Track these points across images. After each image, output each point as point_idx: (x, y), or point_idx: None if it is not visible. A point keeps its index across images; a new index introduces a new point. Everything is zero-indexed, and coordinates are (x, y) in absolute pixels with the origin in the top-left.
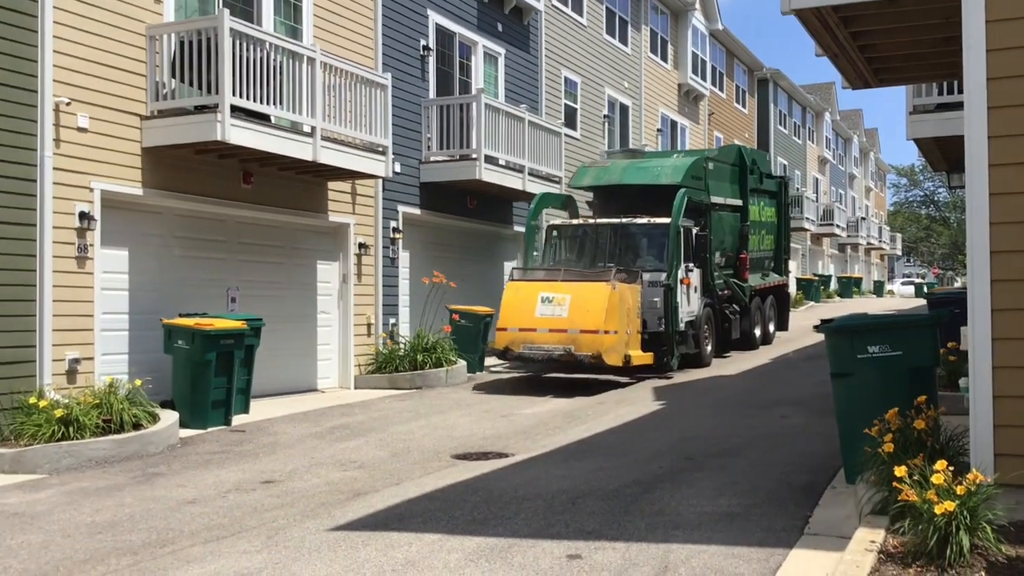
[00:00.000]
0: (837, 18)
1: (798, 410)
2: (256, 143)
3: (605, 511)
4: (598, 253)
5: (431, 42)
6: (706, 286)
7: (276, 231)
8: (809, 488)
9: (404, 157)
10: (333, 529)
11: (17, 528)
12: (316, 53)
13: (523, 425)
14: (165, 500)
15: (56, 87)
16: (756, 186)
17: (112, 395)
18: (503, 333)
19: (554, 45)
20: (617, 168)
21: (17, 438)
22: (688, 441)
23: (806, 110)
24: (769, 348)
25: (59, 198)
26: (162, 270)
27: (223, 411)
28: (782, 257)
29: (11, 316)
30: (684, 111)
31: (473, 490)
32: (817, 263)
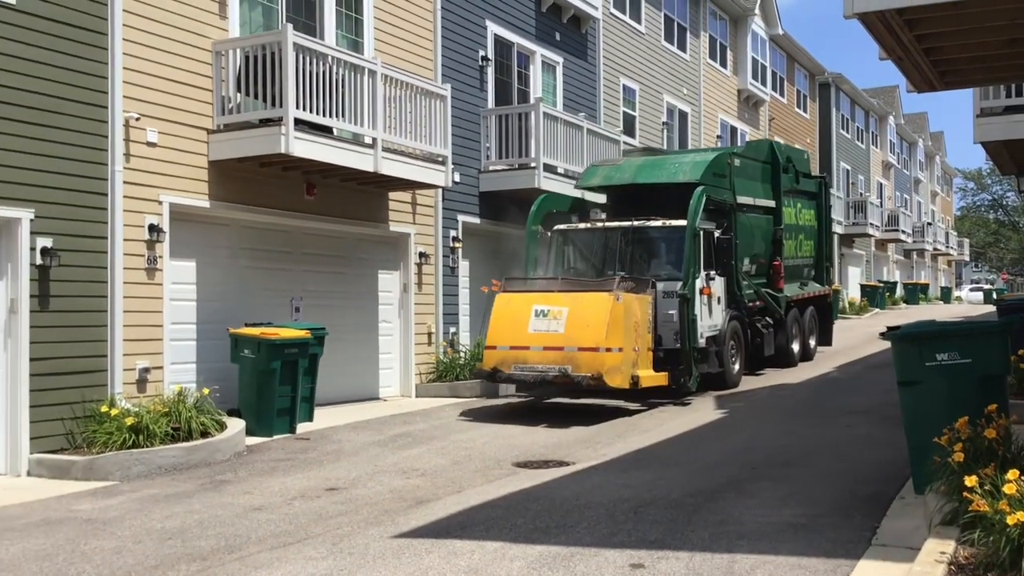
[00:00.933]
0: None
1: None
2: (319, 155)
3: (667, 520)
4: (608, 260)
5: (489, 52)
6: (732, 296)
7: (338, 241)
8: (876, 498)
9: (463, 167)
10: (396, 536)
11: (90, 534)
12: (377, 66)
13: (582, 434)
14: (232, 507)
15: (126, 103)
16: (792, 186)
17: (181, 403)
18: (491, 352)
19: (612, 53)
20: (630, 166)
21: (89, 446)
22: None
23: (869, 114)
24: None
25: (129, 211)
26: (228, 280)
27: (288, 419)
28: (824, 264)
29: (84, 326)
30: (744, 117)
31: (534, 498)
32: (882, 269)
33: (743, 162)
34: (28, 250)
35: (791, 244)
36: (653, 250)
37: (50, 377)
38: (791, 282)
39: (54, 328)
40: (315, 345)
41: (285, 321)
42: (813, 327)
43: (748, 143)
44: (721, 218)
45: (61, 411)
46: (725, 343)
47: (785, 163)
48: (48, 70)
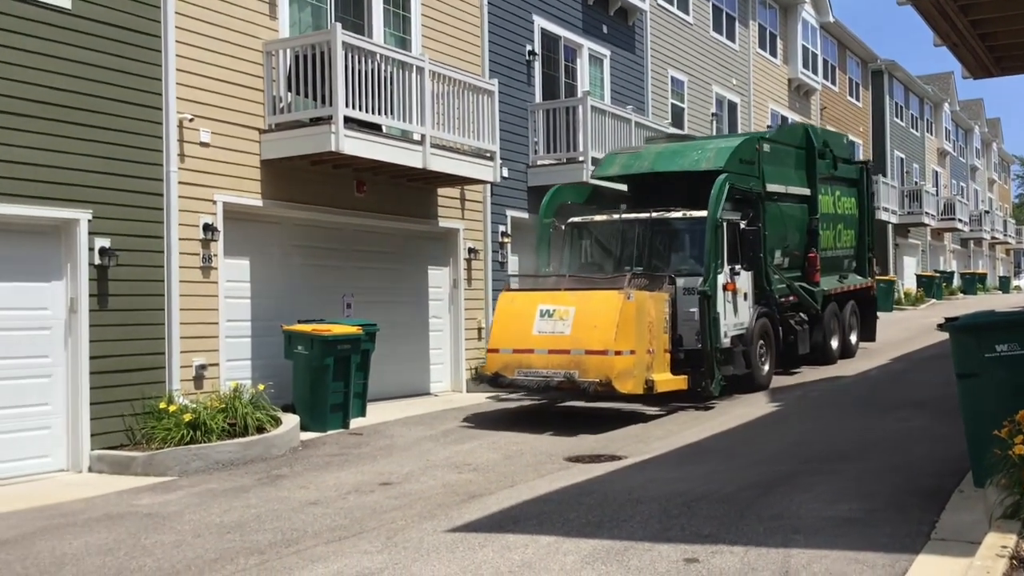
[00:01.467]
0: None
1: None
2: (368, 152)
3: (721, 515)
4: (625, 255)
5: (536, 46)
6: (761, 292)
7: (388, 238)
8: (934, 492)
9: (511, 162)
10: (450, 530)
11: (151, 528)
12: (425, 62)
13: (633, 429)
14: (289, 501)
15: (180, 104)
16: (829, 173)
17: (237, 400)
18: (494, 356)
19: (660, 45)
20: (650, 154)
21: (148, 442)
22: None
23: (924, 101)
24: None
25: (184, 211)
26: (281, 278)
27: (341, 414)
28: (865, 255)
29: (142, 325)
30: (795, 106)
31: (587, 492)
32: (938, 259)
33: (774, 148)
34: (87, 250)
35: (828, 234)
36: (673, 243)
37: (109, 375)
38: (829, 275)
39: (113, 327)
40: (367, 341)
41: (336, 318)
42: (854, 322)
43: (780, 127)
44: (749, 208)
45: (121, 408)
46: (753, 342)
47: (822, 148)
48: (103, 73)
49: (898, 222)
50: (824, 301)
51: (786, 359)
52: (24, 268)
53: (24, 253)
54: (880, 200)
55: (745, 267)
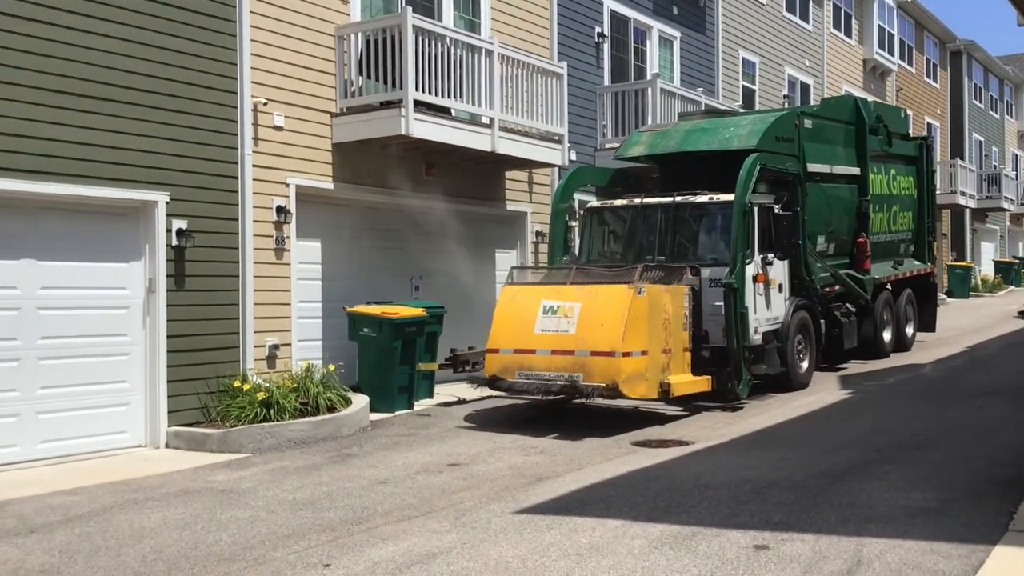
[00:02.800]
0: None
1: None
2: (437, 136)
3: (791, 502)
4: (647, 243)
5: (605, 29)
6: (800, 282)
7: (456, 221)
8: (1013, 482)
9: (579, 145)
10: (517, 512)
11: (226, 504)
12: (494, 45)
13: (701, 414)
14: (359, 480)
15: (254, 88)
16: (882, 150)
17: (308, 379)
18: (493, 356)
19: (731, 25)
20: (678, 132)
21: (223, 419)
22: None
23: (1004, 83)
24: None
25: (258, 193)
26: (351, 260)
27: (407, 395)
28: (925, 239)
29: (217, 305)
30: (870, 88)
31: (654, 477)
32: (1018, 245)
33: (817, 123)
34: (164, 231)
35: (881, 217)
36: (700, 230)
37: (186, 353)
38: (882, 261)
39: (189, 307)
40: (433, 323)
41: (405, 299)
42: (910, 312)
43: (826, 100)
44: (785, 190)
45: (196, 386)
46: (789, 338)
47: (874, 123)
48: (181, 58)
49: (976, 207)
50: (875, 290)
51: (831, 354)
52: (104, 248)
53: (104, 234)
54: (957, 184)
55: (779, 256)
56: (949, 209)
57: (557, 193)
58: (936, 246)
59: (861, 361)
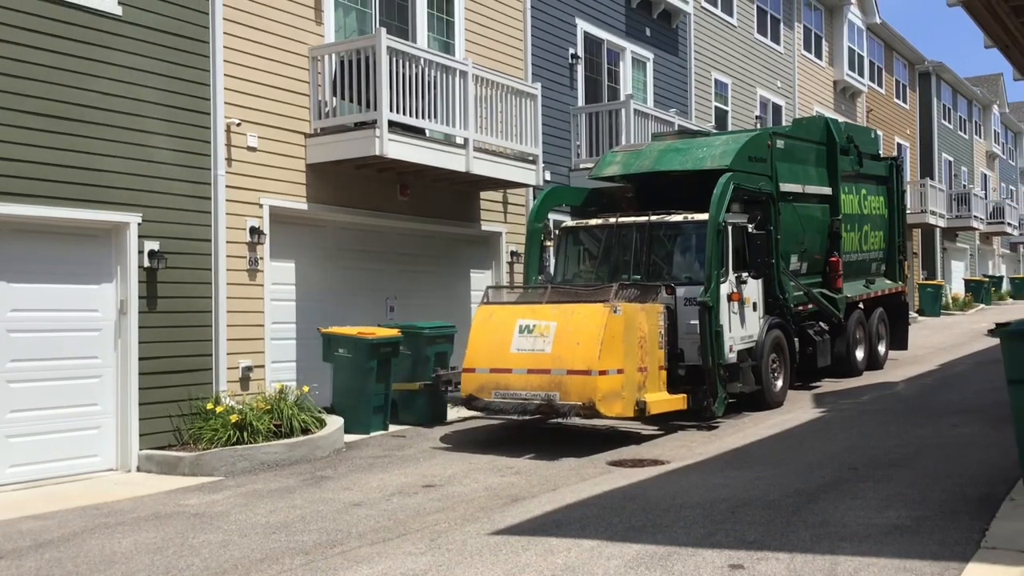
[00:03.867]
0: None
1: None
2: (412, 156)
3: (766, 521)
4: (622, 262)
5: (579, 50)
6: (773, 301)
7: (431, 241)
8: (985, 500)
9: (553, 165)
10: (493, 533)
11: (198, 527)
12: (468, 67)
13: (677, 433)
14: (333, 502)
15: (227, 109)
16: (853, 170)
17: (282, 401)
18: (469, 376)
19: (703, 47)
20: (652, 152)
21: (196, 442)
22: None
23: (972, 103)
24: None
25: (231, 214)
26: (325, 281)
27: (382, 416)
28: (896, 258)
29: (190, 326)
30: (841, 108)
31: (630, 497)
32: (987, 263)
33: (789, 144)
34: (136, 253)
35: (853, 236)
36: (675, 249)
37: (158, 376)
38: (854, 280)
39: (161, 328)
40: (443, 343)
41: (380, 320)
42: (883, 330)
43: (797, 121)
44: (759, 210)
45: (168, 408)
46: (763, 356)
47: (845, 144)
48: (153, 78)
49: (946, 226)
50: (848, 309)
51: (804, 372)
52: (75, 270)
53: (75, 256)
54: (927, 203)
55: (753, 274)
56: (920, 228)
57: (532, 213)
58: (907, 265)
59: (834, 379)
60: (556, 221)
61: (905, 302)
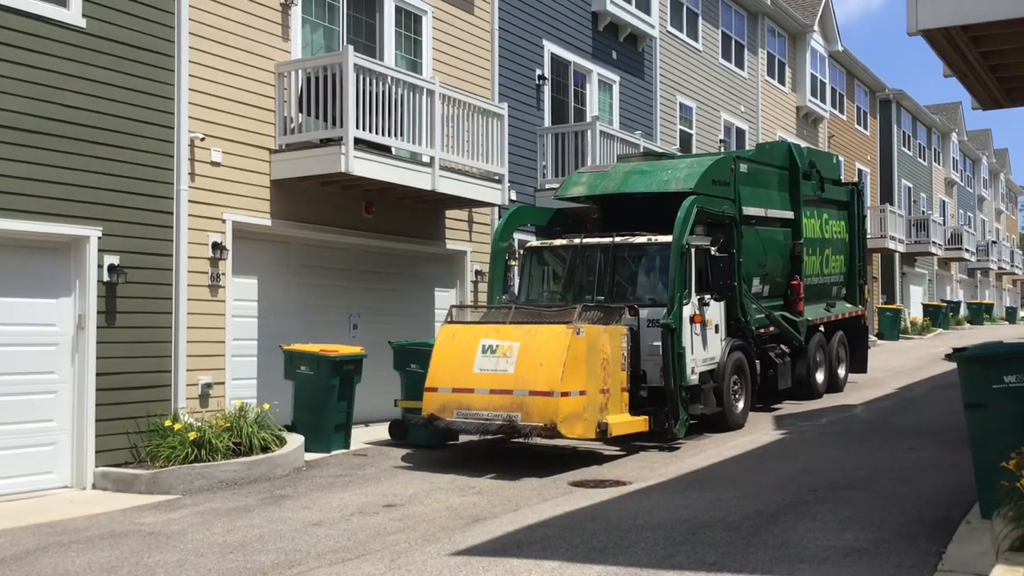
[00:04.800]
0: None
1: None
2: (378, 174)
3: (726, 543)
4: (586, 283)
5: (546, 71)
6: (736, 323)
7: (396, 259)
8: (942, 523)
9: (519, 185)
10: (454, 554)
11: (154, 547)
12: (435, 85)
13: (639, 453)
14: (292, 522)
15: (191, 123)
16: (815, 194)
17: (242, 419)
18: (432, 395)
19: (669, 71)
20: (618, 173)
21: (153, 460)
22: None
23: (931, 131)
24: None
25: (194, 229)
26: (288, 297)
27: (343, 434)
28: (857, 282)
29: (149, 342)
30: (803, 134)
31: (591, 518)
32: (945, 289)
33: (752, 168)
34: (96, 267)
35: (814, 260)
36: (638, 271)
37: (115, 392)
38: (815, 303)
39: (120, 344)
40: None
41: (343, 338)
42: (843, 353)
43: (760, 145)
44: (722, 233)
45: (126, 425)
46: (725, 378)
47: (807, 168)
48: (116, 91)
49: (905, 251)
50: (808, 331)
51: (766, 394)
52: (33, 284)
53: (34, 269)
54: (887, 229)
55: (716, 297)
56: (879, 253)
57: (497, 232)
58: (867, 289)
59: (795, 401)
60: (521, 241)
61: (865, 325)
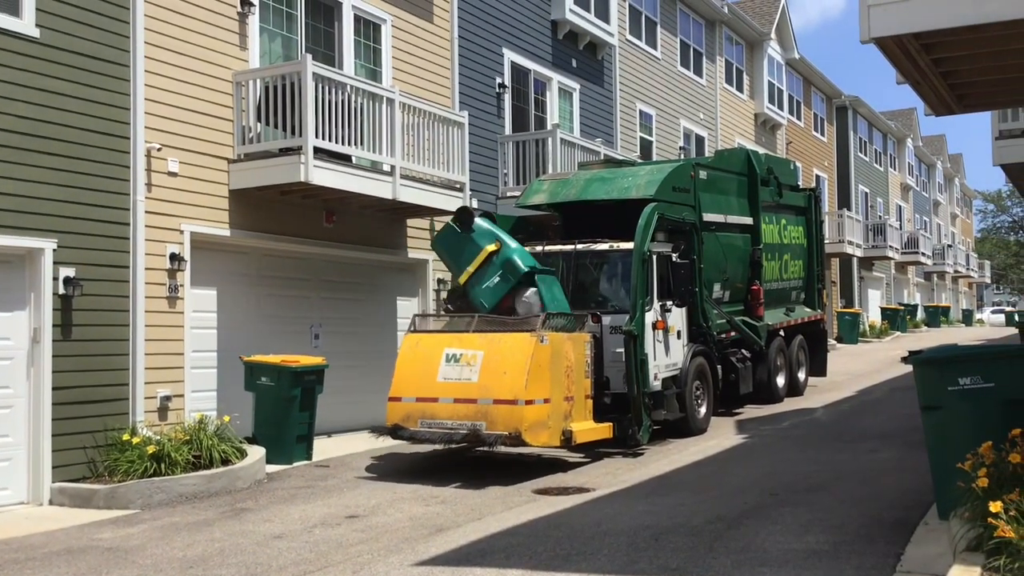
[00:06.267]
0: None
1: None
2: (338, 183)
3: (689, 547)
4: None
5: (507, 79)
6: (697, 329)
7: (357, 268)
8: (901, 524)
9: (481, 193)
10: (417, 564)
11: (112, 562)
12: (395, 94)
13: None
14: (253, 535)
15: (148, 133)
16: (773, 200)
17: (202, 431)
18: (395, 405)
19: (628, 79)
20: (579, 180)
21: (111, 474)
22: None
23: (887, 137)
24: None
25: (151, 240)
26: (248, 308)
27: (305, 445)
28: (815, 286)
29: (106, 355)
30: (761, 141)
31: (555, 525)
32: (902, 292)
33: (712, 175)
34: (51, 280)
35: (773, 265)
36: (600, 278)
37: (72, 406)
38: (775, 308)
39: (76, 357)
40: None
41: (305, 348)
42: (802, 357)
43: (719, 152)
44: (683, 239)
45: (83, 439)
46: (687, 384)
47: (765, 175)
48: (71, 102)
49: (863, 255)
50: (769, 336)
51: (728, 399)
52: None
53: None
54: (845, 233)
55: (678, 303)
56: (837, 258)
57: None
58: (826, 293)
59: (756, 406)
60: None
61: (824, 330)
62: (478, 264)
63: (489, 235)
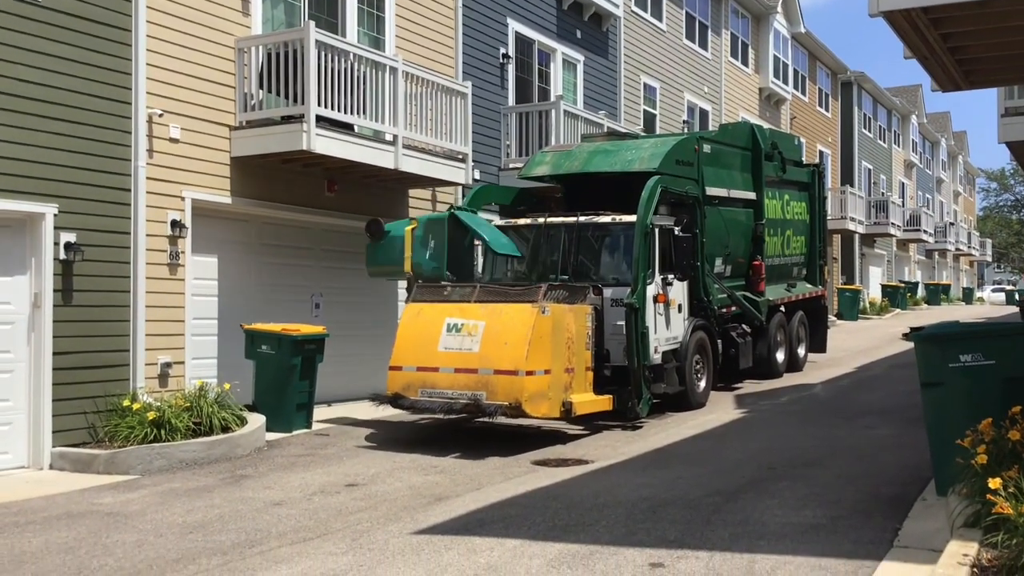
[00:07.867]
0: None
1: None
2: (340, 152)
3: (687, 520)
4: (551, 262)
5: (510, 50)
6: (698, 303)
7: (359, 238)
8: (898, 500)
9: (483, 164)
10: (416, 533)
11: (112, 527)
12: (398, 63)
13: (602, 432)
14: (253, 501)
15: (149, 99)
16: (776, 175)
17: (202, 398)
18: (396, 374)
19: (633, 51)
20: (582, 153)
21: (111, 440)
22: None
23: (892, 113)
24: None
25: (152, 207)
26: (249, 276)
27: (305, 414)
28: (817, 263)
29: (107, 321)
30: (765, 115)
31: (553, 496)
32: (903, 269)
33: (716, 148)
34: (52, 245)
35: (775, 241)
36: (602, 250)
37: (72, 371)
38: (776, 283)
39: (77, 323)
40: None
41: (305, 317)
42: (803, 333)
43: (723, 126)
44: (685, 213)
45: (83, 405)
46: (687, 358)
47: (769, 150)
48: (73, 66)
49: (864, 232)
50: (769, 311)
51: (727, 373)
52: None
53: None
54: (847, 210)
55: (679, 276)
56: (839, 234)
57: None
58: (827, 270)
59: (755, 381)
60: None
61: (825, 306)
62: (410, 245)
63: (400, 223)
